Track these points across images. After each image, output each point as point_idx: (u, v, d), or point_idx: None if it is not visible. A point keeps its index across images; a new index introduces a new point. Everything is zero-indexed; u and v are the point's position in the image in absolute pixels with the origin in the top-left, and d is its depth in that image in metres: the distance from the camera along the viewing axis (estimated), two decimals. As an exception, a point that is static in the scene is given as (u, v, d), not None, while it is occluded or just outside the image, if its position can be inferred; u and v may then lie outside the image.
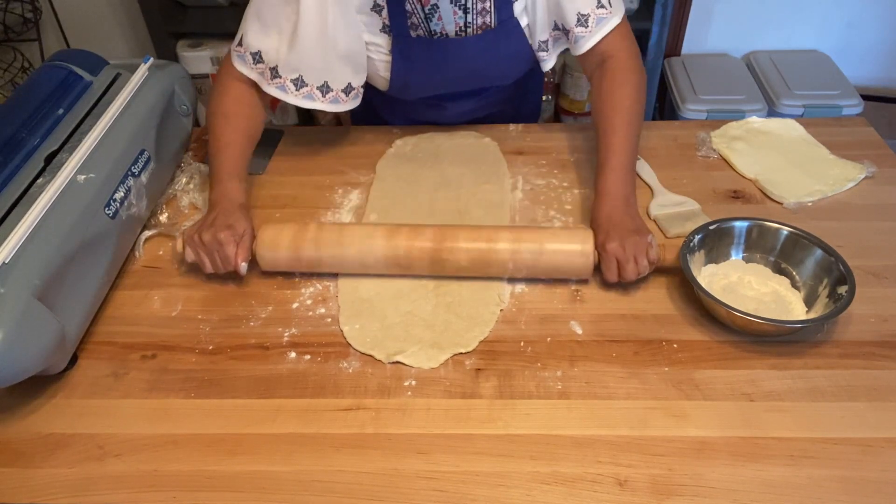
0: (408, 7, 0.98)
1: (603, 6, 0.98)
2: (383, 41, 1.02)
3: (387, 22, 0.99)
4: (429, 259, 0.88)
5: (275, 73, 1.00)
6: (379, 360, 0.82)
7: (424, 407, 0.77)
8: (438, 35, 1.01)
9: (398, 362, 0.81)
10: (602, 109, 1.00)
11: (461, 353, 0.82)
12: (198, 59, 2.03)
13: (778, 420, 0.74)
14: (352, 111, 1.10)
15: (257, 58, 1.00)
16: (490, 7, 0.98)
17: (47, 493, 0.71)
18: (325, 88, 1.02)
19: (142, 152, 0.97)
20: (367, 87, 1.08)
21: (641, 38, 2.01)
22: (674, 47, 2.16)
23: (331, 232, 0.90)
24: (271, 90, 1.01)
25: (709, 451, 0.71)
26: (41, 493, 0.71)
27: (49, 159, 0.89)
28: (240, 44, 1.01)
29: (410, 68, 1.03)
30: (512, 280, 0.91)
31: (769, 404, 0.75)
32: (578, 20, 0.99)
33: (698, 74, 2.04)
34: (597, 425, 0.74)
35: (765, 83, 2.01)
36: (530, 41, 1.04)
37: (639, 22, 1.94)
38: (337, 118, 2.24)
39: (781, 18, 2.10)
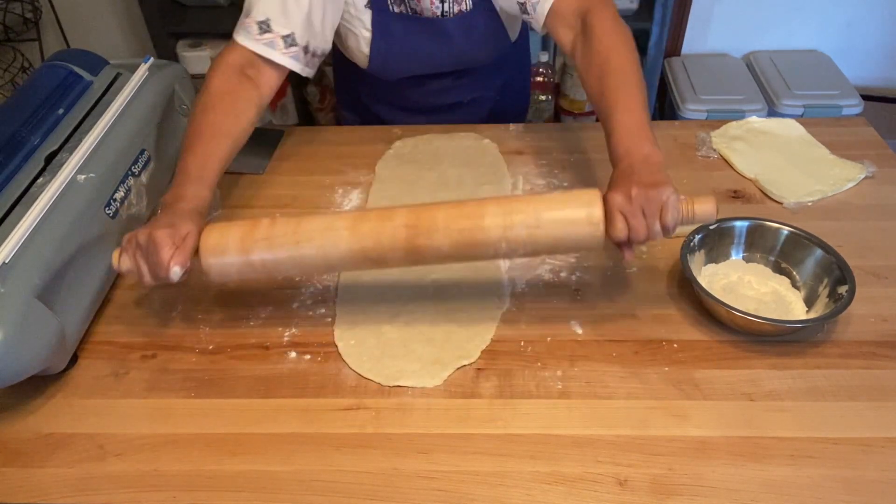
0: None
1: None
2: (367, 16, 1.02)
3: None
4: (403, 249, 0.74)
5: (291, 40, 0.94)
6: (379, 360, 0.82)
7: (424, 407, 0.77)
8: (418, 12, 1.02)
9: (400, 386, 0.79)
10: (590, 73, 0.87)
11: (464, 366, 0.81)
12: (198, 59, 2.03)
13: (778, 420, 0.74)
14: (338, 99, 1.09)
15: (264, 27, 0.93)
16: None
17: (47, 493, 0.71)
18: (306, 49, 0.98)
19: (142, 152, 0.97)
20: (351, 69, 1.09)
21: (641, 38, 2.01)
22: (674, 47, 2.16)
23: (285, 227, 0.76)
24: (285, 60, 0.95)
25: (709, 450, 0.71)
26: (41, 493, 0.71)
27: (49, 159, 0.89)
28: (247, 15, 0.95)
29: (390, 44, 1.04)
30: (512, 280, 0.91)
31: (769, 404, 0.75)
32: None
33: (698, 74, 2.04)
34: (597, 425, 0.74)
35: (765, 83, 2.01)
36: (503, 18, 1.05)
37: (639, 22, 1.94)
38: (337, 118, 2.24)
39: (781, 18, 2.10)
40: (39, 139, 0.91)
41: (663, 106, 2.18)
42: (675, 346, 0.82)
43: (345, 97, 1.21)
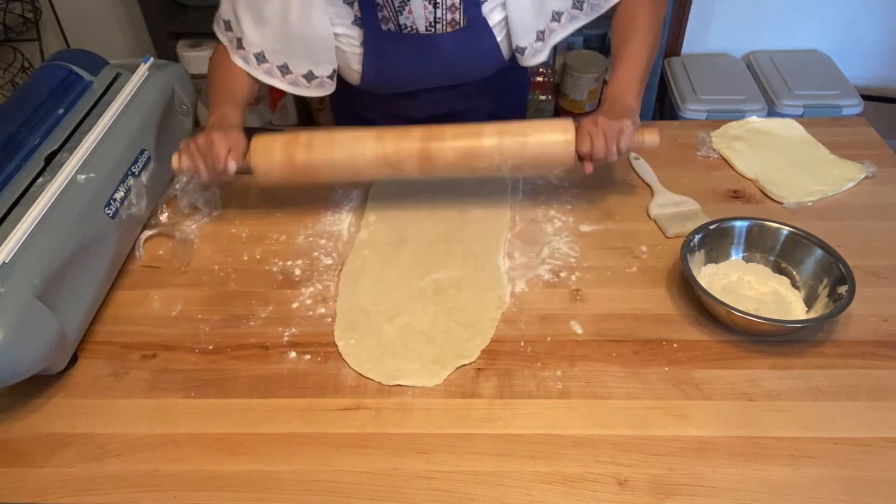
0: (379, 0, 0.98)
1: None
2: (355, 33, 1.02)
3: (358, 14, 1.00)
4: (417, 157, 0.91)
5: (239, 44, 1.01)
6: (379, 360, 0.82)
7: (424, 407, 0.77)
8: (409, 29, 1.01)
9: (399, 385, 0.79)
10: (617, 25, 1.02)
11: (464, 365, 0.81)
12: (198, 59, 2.03)
13: (778, 420, 0.74)
14: (334, 110, 1.10)
15: (227, 25, 1.03)
16: (459, 4, 0.99)
17: (47, 493, 0.71)
18: (284, 69, 1.03)
19: (142, 152, 0.97)
20: (345, 81, 1.09)
21: None
22: (674, 47, 2.16)
23: (321, 136, 0.93)
24: (236, 59, 1.03)
25: (709, 450, 0.71)
26: (41, 493, 0.71)
27: (49, 159, 0.89)
28: (219, 8, 1.04)
29: (382, 62, 1.04)
30: (512, 279, 0.91)
31: (769, 404, 0.75)
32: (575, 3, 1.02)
33: (698, 74, 2.04)
34: (597, 425, 0.74)
35: (765, 83, 2.01)
36: (513, 36, 1.03)
37: (639, 22, 1.94)
38: (334, 119, 2.25)
39: (781, 18, 2.10)
40: (39, 139, 0.92)
41: (663, 106, 2.18)
42: (675, 346, 0.82)
43: (340, 107, 1.21)
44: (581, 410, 0.76)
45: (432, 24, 1.01)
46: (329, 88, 1.06)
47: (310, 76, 1.04)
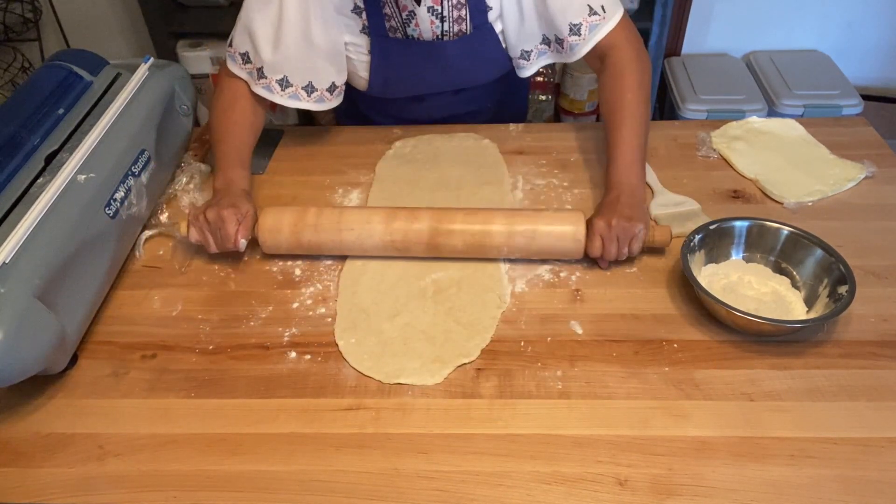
0: (387, 10, 0.99)
1: (596, 13, 0.99)
2: (363, 41, 1.04)
3: (366, 23, 1.01)
4: (425, 244, 0.91)
5: (261, 73, 1.02)
6: (379, 360, 0.82)
7: (424, 407, 0.77)
8: (416, 38, 1.01)
9: (399, 383, 0.79)
10: (606, 104, 1.01)
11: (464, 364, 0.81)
12: (198, 59, 2.03)
13: (778, 420, 0.74)
14: (337, 110, 1.11)
15: (245, 58, 1.02)
16: (465, 15, 1.00)
17: (47, 493, 0.71)
18: (309, 88, 1.04)
19: (142, 152, 0.97)
20: (350, 85, 1.10)
21: (641, 38, 2.02)
22: (674, 47, 2.16)
23: (330, 217, 0.92)
24: (258, 90, 1.04)
25: (709, 450, 0.71)
26: (41, 493, 0.71)
27: (49, 159, 0.89)
28: (230, 44, 1.04)
29: (389, 68, 1.05)
30: (512, 279, 0.91)
31: (769, 404, 0.75)
32: (571, 30, 1.00)
33: (698, 74, 2.04)
34: (597, 425, 0.74)
35: (765, 83, 2.01)
36: (507, 48, 1.05)
37: (639, 22, 1.93)
38: (336, 121, 2.24)
39: (781, 18, 2.10)
40: (39, 139, 0.91)
41: (663, 106, 2.18)
42: (675, 346, 0.82)
43: (344, 107, 1.22)
44: (581, 410, 0.76)
45: (439, 36, 1.01)
46: (341, 96, 1.08)
47: (332, 88, 1.06)
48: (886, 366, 0.79)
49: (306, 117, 2.22)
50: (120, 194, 0.91)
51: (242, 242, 0.91)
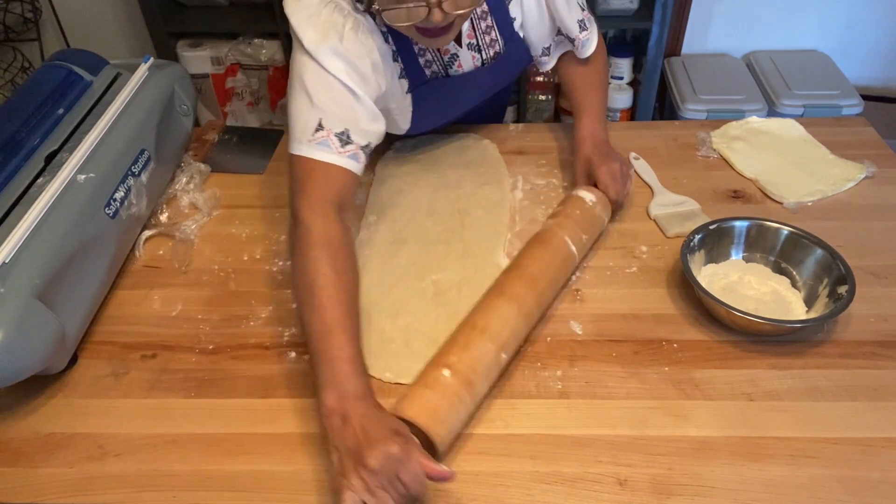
0: (427, 56, 0.96)
1: (583, 8, 1.03)
2: (408, 99, 0.98)
3: (403, 67, 0.95)
4: (526, 324, 0.80)
5: (367, 147, 0.85)
6: (379, 360, 0.81)
7: (424, 407, 0.77)
8: (453, 73, 1.01)
9: (400, 383, 0.79)
10: (575, 74, 1.09)
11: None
12: (198, 59, 2.03)
13: (778, 420, 0.74)
14: None
15: (345, 138, 0.82)
16: (497, 36, 1.00)
17: (47, 493, 0.71)
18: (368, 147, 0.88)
19: (142, 152, 0.97)
20: None
21: (641, 38, 2.02)
22: (674, 47, 2.16)
23: (470, 383, 0.72)
24: (360, 163, 0.85)
25: (709, 450, 0.71)
26: (41, 493, 0.71)
27: (49, 159, 0.89)
28: (320, 128, 0.81)
29: (429, 109, 1.04)
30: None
31: (769, 404, 0.75)
32: (581, 26, 1.03)
33: (698, 74, 2.04)
34: (597, 425, 0.74)
35: (765, 83, 2.01)
36: (530, 48, 1.06)
37: (639, 22, 1.94)
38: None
39: (781, 18, 2.10)
40: (39, 139, 0.91)
41: (663, 106, 2.18)
42: (675, 346, 0.82)
43: None
44: (581, 410, 0.76)
45: (479, 66, 1.01)
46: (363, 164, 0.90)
47: (367, 147, 0.88)
48: (886, 366, 0.79)
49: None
50: (120, 194, 0.91)
51: (450, 472, 0.62)
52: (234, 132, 1.25)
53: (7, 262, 0.74)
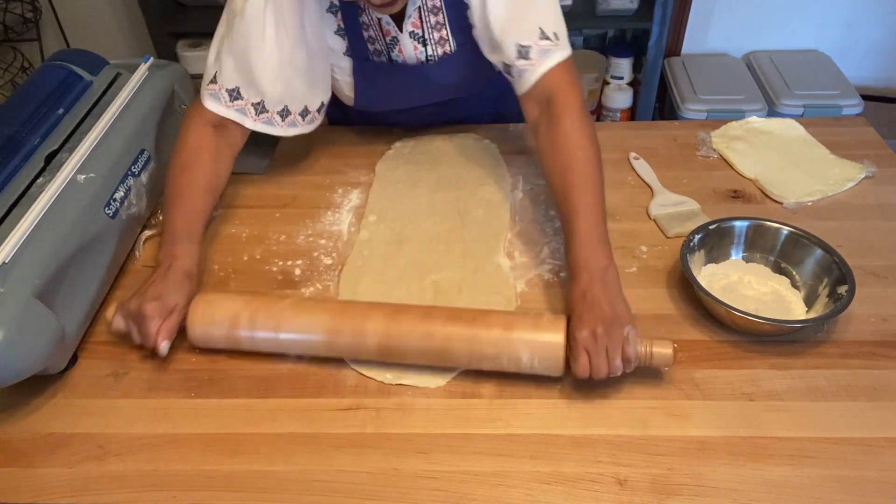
0: (371, 33, 0.98)
1: (547, 38, 0.87)
2: (346, 64, 1.02)
3: (348, 46, 0.99)
4: (376, 354, 0.78)
5: (261, 107, 0.95)
6: (379, 360, 0.82)
7: (424, 407, 0.77)
8: (401, 62, 1.01)
9: (402, 384, 0.79)
10: (555, 165, 0.86)
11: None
12: (198, 59, 2.03)
13: (778, 420, 0.74)
14: (329, 116, 1.11)
15: (234, 94, 0.94)
16: (447, 35, 0.98)
17: (47, 493, 0.71)
18: (304, 112, 1.00)
19: (142, 152, 0.97)
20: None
21: (641, 38, 2.02)
22: (674, 47, 2.16)
23: (266, 316, 0.79)
24: (259, 126, 0.97)
25: (709, 450, 0.71)
26: (41, 493, 0.71)
27: (49, 159, 0.89)
28: (213, 81, 0.94)
29: (373, 89, 1.04)
30: (512, 281, 0.91)
31: (769, 404, 0.75)
32: (519, 52, 0.88)
33: (698, 74, 2.04)
34: (597, 425, 0.74)
35: (765, 83, 2.01)
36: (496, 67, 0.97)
37: (639, 22, 1.94)
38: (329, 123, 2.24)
39: (781, 18, 2.10)
40: (39, 139, 0.91)
41: (663, 106, 2.18)
42: (675, 346, 0.82)
43: (336, 116, 1.22)
44: (581, 410, 0.76)
45: (424, 61, 1.00)
46: (314, 123, 1.04)
47: (321, 107, 1.03)
48: (886, 366, 0.79)
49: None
50: (120, 194, 0.91)
51: (164, 346, 0.79)
52: (234, 132, 1.24)
53: (7, 262, 0.74)
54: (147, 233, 1.01)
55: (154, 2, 1.94)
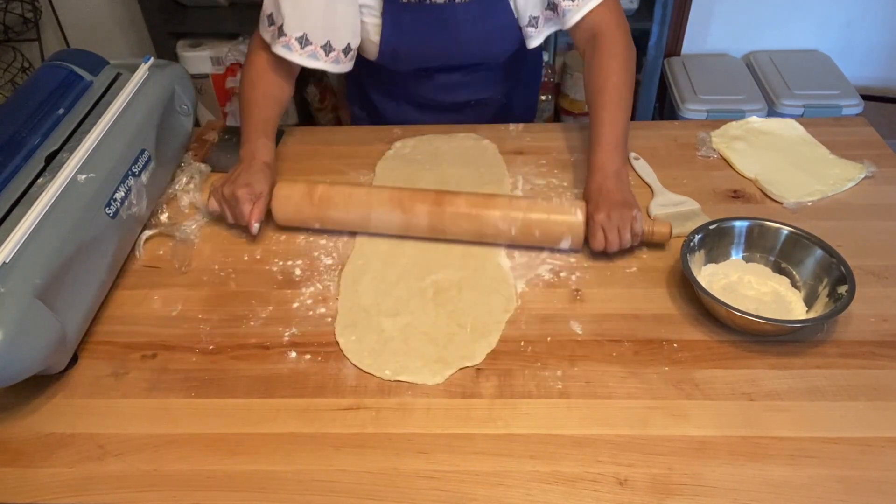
0: None
1: None
2: (376, 3, 1.05)
3: None
4: (426, 228, 0.95)
5: (281, 31, 1.02)
6: (379, 360, 0.82)
7: (424, 406, 0.77)
8: (429, 1, 1.02)
9: (401, 381, 0.79)
10: (592, 86, 1.03)
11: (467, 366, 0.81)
12: (198, 59, 2.03)
13: (778, 420, 0.74)
14: (347, 91, 1.15)
15: (270, 20, 1.03)
16: None
17: (47, 493, 0.71)
18: (327, 48, 1.04)
19: (142, 152, 0.97)
20: (362, 63, 1.10)
21: (641, 38, 2.02)
22: (674, 47, 2.16)
23: (339, 195, 0.96)
24: (278, 49, 1.03)
25: (709, 450, 0.71)
26: (41, 493, 0.71)
27: (49, 159, 0.89)
28: (263, 6, 1.05)
29: (400, 34, 1.06)
30: (511, 253, 0.91)
31: (769, 404, 0.75)
32: None
33: (698, 74, 2.04)
34: (597, 425, 0.74)
35: (765, 83, 2.01)
36: (517, 16, 1.06)
37: (639, 22, 1.95)
38: (337, 118, 2.24)
39: (781, 18, 2.10)
40: (39, 139, 0.91)
41: (663, 106, 2.18)
42: (675, 346, 0.82)
43: (353, 92, 1.23)
44: (581, 410, 0.76)
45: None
46: (352, 62, 1.09)
47: (347, 49, 1.06)
48: (886, 366, 0.79)
49: (307, 117, 2.23)
50: (120, 194, 0.91)
51: (255, 226, 0.95)
52: (234, 132, 1.25)
53: (7, 262, 0.74)
54: (147, 233, 1.01)
55: (154, 2, 1.94)
